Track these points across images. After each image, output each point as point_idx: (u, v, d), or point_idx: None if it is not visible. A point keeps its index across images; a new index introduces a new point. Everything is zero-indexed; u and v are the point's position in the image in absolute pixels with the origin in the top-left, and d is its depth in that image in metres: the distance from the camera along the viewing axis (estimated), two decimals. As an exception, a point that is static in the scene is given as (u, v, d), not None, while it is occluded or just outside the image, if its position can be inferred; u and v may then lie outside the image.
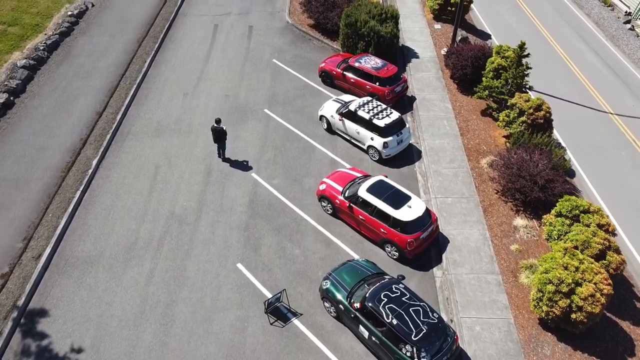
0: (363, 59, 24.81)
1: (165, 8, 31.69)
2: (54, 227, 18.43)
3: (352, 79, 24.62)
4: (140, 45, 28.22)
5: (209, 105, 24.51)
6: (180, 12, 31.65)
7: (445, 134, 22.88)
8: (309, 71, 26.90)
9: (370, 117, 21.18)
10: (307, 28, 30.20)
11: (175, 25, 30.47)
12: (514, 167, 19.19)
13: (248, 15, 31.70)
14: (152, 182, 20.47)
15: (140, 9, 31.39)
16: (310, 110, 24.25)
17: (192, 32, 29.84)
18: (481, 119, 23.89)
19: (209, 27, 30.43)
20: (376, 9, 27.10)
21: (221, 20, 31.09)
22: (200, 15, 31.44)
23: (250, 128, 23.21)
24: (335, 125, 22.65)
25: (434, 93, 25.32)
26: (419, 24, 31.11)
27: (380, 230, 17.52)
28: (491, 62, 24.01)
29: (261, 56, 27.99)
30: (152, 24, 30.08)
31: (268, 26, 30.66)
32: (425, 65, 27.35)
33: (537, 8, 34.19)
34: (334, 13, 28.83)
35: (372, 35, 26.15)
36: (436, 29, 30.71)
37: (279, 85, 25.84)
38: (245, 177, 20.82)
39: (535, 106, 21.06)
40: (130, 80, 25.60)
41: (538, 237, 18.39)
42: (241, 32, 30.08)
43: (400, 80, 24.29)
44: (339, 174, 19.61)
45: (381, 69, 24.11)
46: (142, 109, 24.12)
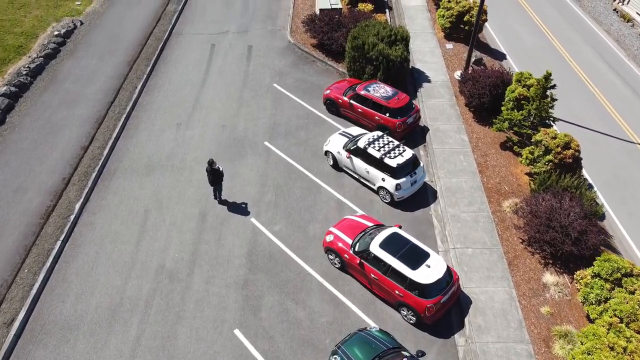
0: (372, 86, 22.87)
1: (159, 26, 29.75)
2: (29, 285, 16.48)
3: (360, 109, 22.68)
4: (131, 68, 26.27)
5: (204, 137, 22.58)
6: (174, 31, 29.70)
7: (462, 171, 20.93)
8: (313, 97, 24.96)
9: (381, 155, 19.24)
10: (310, 48, 28.26)
11: (169, 45, 28.52)
12: (542, 216, 17.24)
13: (247, 33, 29.76)
14: (140, 229, 18.53)
15: (132, 27, 29.45)
16: (314, 143, 22.31)
17: (187, 53, 27.90)
18: (501, 153, 21.94)
19: (205, 47, 28.48)
20: (385, 30, 25.16)
21: (218, 39, 29.15)
22: (196, 34, 29.50)
23: (249, 164, 21.26)
24: (342, 162, 20.71)
25: (448, 123, 23.38)
26: (430, 43, 29.15)
27: (395, 292, 15.57)
28: (511, 91, 22.08)
29: (261, 80, 26.05)
30: (145, 44, 28.13)
31: (268, 46, 28.72)
32: (437, 91, 25.40)
33: (553, 24, 32.23)
34: (339, 33, 26.89)
35: (381, 60, 24.21)
36: (448, 48, 28.76)
37: (280, 114, 23.91)
38: (244, 222, 18.88)
39: (563, 144, 19.12)
40: (120, 109, 23.65)
41: (571, 297, 16.44)
42: (240, 52, 28.14)
43: (412, 111, 22.34)
44: (348, 223, 17.67)
45: (391, 98, 22.17)
46: (132, 142, 22.17)
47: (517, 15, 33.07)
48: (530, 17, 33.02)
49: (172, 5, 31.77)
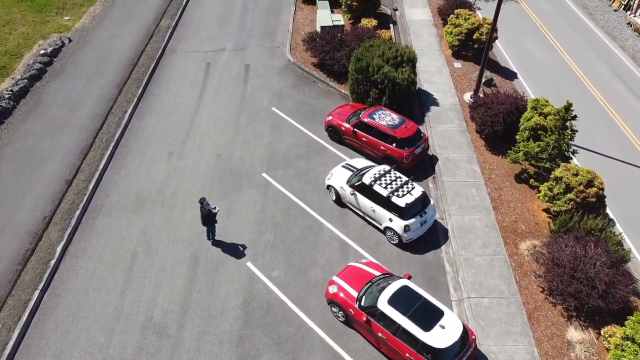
0: (377, 113, 21.38)
1: (152, 43, 28.23)
2: (3, 343, 14.98)
3: (364, 138, 21.18)
4: (121, 90, 24.75)
5: (198, 168, 21.07)
6: (168, 49, 28.18)
7: (475, 207, 19.44)
8: (314, 122, 23.47)
9: (388, 193, 17.73)
10: (311, 68, 26.76)
11: (162, 64, 27.00)
12: (565, 265, 15.74)
13: (244, 51, 28.25)
14: (127, 276, 17.02)
15: (123, 44, 27.92)
16: (315, 175, 20.82)
17: (181, 73, 26.38)
18: (516, 186, 20.45)
19: (200, 66, 26.97)
20: (390, 50, 23.65)
21: (214, 57, 27.64)
22: (191, 52, 27.98)
23: (245, 199, 19.76)
24: (345, 198, 19.22)
25: (458, 151, 21.89)
26: (437, 61, 27.66)
27: (405, 355, 14.08)
28: (526, 119, 20.61)
29: (259, 103, 24.55)
30: (136, 63, 26.62)
31: (267, 65, 27.21)
32: (446, 115, 23.91)
33: (565, 40, 30.71)
34: (341, 53, 25.38)
35: (386, 83, 22.72)
36: (456, 67, 27.27)
37: (279, 141, 22.41)
38: (239, 267, 17.38)
39: (585, 182, 17.63)
40: (108, 137, 22.14)
41: (598, 357, 14.95)
42: (236, 72, 26.63)
43: (421, 140, 20.85)
44: (353, 271, 16.16)
45: (398, 127, 20.68)
46: (120, 175, 20.66)
47: (528, 30, 31.57)
48: (541, 32, 31.52)
49: (165, 20, 30.27)
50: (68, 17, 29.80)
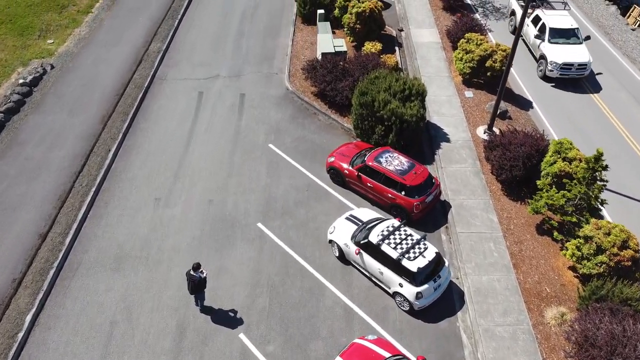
0: (383, 156, 19.45)
1: (140, 70, 26.28)
2: None
3: (370, 183, 19.26)
4: (105, 125, 22.82)
5: (187, 217, 19.15)
6: (157, 76, 26.24)
7: (494, 265, 17.52)
8: (314, 161, 21.55)
9: (398, 256, 15.80)
10: (311, 98, 24.83)
11: (151, 93, 25.06)
12: (601, 346, 13.81)
13: (240, 78, 26.31)
14: (104, 351, 15.10)
15: (109, 71, 25.98)
16: (316, 226, 18.90)
17: (171, 104, 24.45)
18: (537, 239, 18.52)
19: (192, 95, 25.04)
20: (397, 83, 21.73)
21: (207, 85, 25.70)
22: (182, 80, 26.04)
23: (239, 256, 17.83)
24: (350, 256, 17.30)
25: (473, 197, 19.96)
26: (447, 90, 25.72)
27: None
28: (548, 163, 18.72)
29: (255, 139, 22.62)
30: (122, 93, 24.68)
31: (264, 94, 25.28)
32: (458, 153, 21.98)
33: (582, 64, 28.76)
34: (344, 83, 23.44)
35: (393, 120, 20.81)
36: (467, 97, 25.33)
37: (276, 184, 20.49)
38: (231, 339, 15.45)
39: (619, 243, 15.70)
40: (88, 180, 20.22)
41: None
42: (231, 102, 24.70)
43: (432, 187, 18.92)
44: (358, 351, 14.22)
45: (408, 173, 18.75)
46: (100, 225, 18.74)
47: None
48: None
49: (155, 43, 28.33)
50: (51, 40, 27.88)
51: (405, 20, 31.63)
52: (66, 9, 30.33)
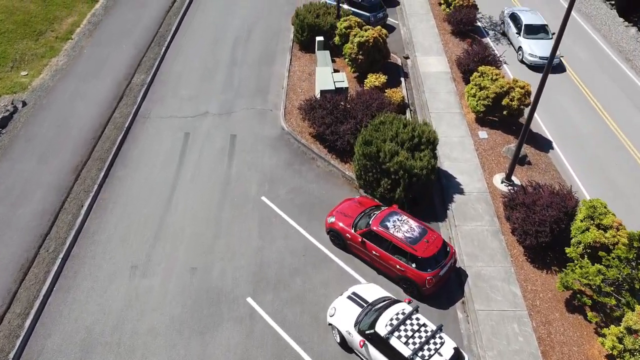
0: (391, 220, 17.08)
1: (121, 107, 23.90)
2: None
3: (375, 251, 16.90)
4: (79, 174, 20.45)
5: (166, 289, 16.78)
6: (140, 113, 23.85)
7: (519, 354, 15.14)
8: (312, 217, 19.21)
9: (411, 354, 13.43)
10: (309, 139, 22.47)
11: (131, 135, 22.67)
12: None
13: (230, 115, 23.93)
14: None
15: (87, 109, 23.59)
16: (314, 300, 16.55)
17: (153, 148, 22.07)
18: (568, 318, 16.16)
19: (177, 137, 22.67)
20: (405, 130, 19.40)
21: (195, 124, 23.33)
22: (167, 118, 23.66)
23: (224, 340, 15.46)
24: (353, 345, 14.92)
25: (492, 263, 17.60)
26: (458, 129, 23.36)
27: None
28: (580, 230, 16.37)
29: (246, 190, 20.26)
30: (101, 135, 22.31)
31: (257, 135, 22.91)
32: (474, 208, 19.62)
33: (606, 97, 26.27)
34: (345, 126, 21.09)
35: (401, 174, 18.46)
36: (481, 138, 22.96)
37: (269, 247, 18.14)
38: None
39: (671, 340, 13.33)
40: (56, 245, 17.84)
41: None
42: (220, 145, 22.33)
43: (447, 258, 16.56)
44: None
45: (419, 241, 16.39)
46: (67, 301, 16.36)
47: (561, 84, 27.22)
48: (575, 85, 27.16)
49: (139, 75, 25.94)
50: (26, 72, 25.50)
51: (411, 46, 29.27)
52: (43, 36, 27.95)
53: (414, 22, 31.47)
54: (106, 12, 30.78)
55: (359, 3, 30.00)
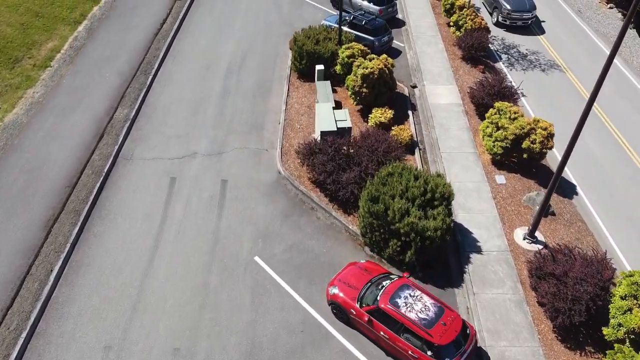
0: (402, 295, 14.87)
1: (101, 148, 21.68)
2: None
3: (384, 332, 14.67)
4: (50, 232, 18.22)
5: (144, 377, 14.58)
6: (121, 154, 21.63)
7: None
8: (311, 283, 17.02)
9: None
10: (308, 186, 20.26)
11: (111, 181, 20.45)
12: None
13: (221, 157, 21.71)
14: None
15: (62, 150, 21.36)
16: (314, 392, 14.34)
17: (135, 197, 19.85)
18: (608, 415, 13.96)
19: (161, 183, 20.44)
20: (417, 183, 17.19)
21: (182, 168, 21.11)
22: (152, 160, 21.43)
23: None
24: None
25: (517, 342, 15.39)
26: (473, 172, 21.15)
27: None
28: (620, 310, 14.19)
29: (237, 249, 18.04)
30: (77, 182, 20.08)
31: (250, 179, 20.71)
32: (494, 270, 17.41)
33: (631, 130, 24.16)
34: (349, 175, 18.88)
35: (412, 237, 16.27)
36: (499, 183, 20.76)
37: (262, 321, 15.92)
38: None
39: None
40: (19, 321, 15.60)
41: None
42: (209, 193, 20.11)
43: (467, 342, 14.34)
44: None
45: (435, 324, 14.18)
46: (28, 394, 14.16)
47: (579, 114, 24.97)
48: (602, 122, 24.95)
49: (122, 109, 23.71)
50: (-3, 105, 23.28)
51: (418, 73, 27.06)
52: (20, 64, 25.71)
53: (421, 45, 29.27)
54: (89, 36, 28.56)
55: (362, 26, 27.79)
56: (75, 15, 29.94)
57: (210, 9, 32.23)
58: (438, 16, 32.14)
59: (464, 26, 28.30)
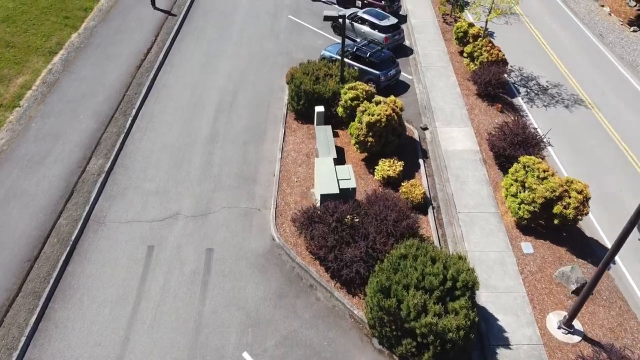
0: None
1: (69, 210, 18.93)
2: None
3: None
4: (3, 321, 15.50)
5: None
6: (93, 217, 18.88)
7: None
8: (310, 389, 14.32)
9: None
10: (306, 257, 17.57)
11: (79, 252, 17.69)
12: None
13: (207, 218, 19.01)
14: None
15: (24, 215, 18.57)
16: None
17: (105, 271, 17.12)
18: None
19: (137, 253, 17.71)
20: (435, 267, 14.47)
21: (161, 233, 18.39)
22: (127, 223, 18.71)
23: None
24: None
25: None
26: (495, 239, 18.45)
27: None
28: None
29: (222, 342, 15.31)
30: (39, 255, 17.35)
31: (239, 249, 17.99)
32: (525, 372, 14.72)
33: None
34: (354, 251, 16.17)
35: (432, 339, 13.58)
36: (526, 253, 18.06)
37: None
38: None
39: None
40: None
41: None
42: (192, 266, 17.39)
43: None
44: None
45: None
46: None
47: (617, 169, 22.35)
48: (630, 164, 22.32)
49: (97, 159, 20.99)
50: (-45, 156, 20.55)
51: (429, 112, 24.37)
52: (-16, 104, 23.02)
53: (431, 77, 26.57)
54: (65, 68, 25.82)
55: (366, 59, 25.08)
56: (50, 44, 27.21)
57: (200, 35, 29.52)
58: (449, 43, 29.44)
59: (479, 58, 25.59)
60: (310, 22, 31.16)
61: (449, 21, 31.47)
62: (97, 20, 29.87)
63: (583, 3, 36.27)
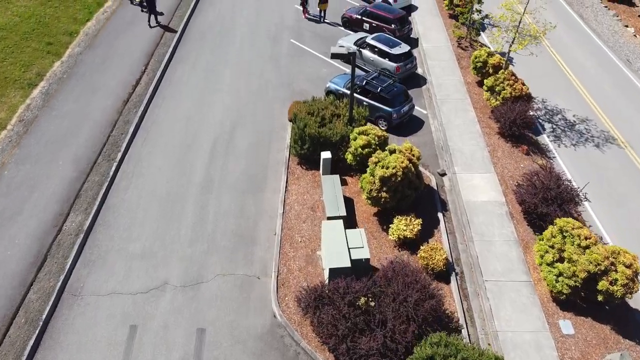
0: None
1: (41, 280, 16.53)
2: None
3: None
4: None
5: None
6: (68, 288, 16.49)
7: None
8: None
9: None
10: (312, 341, 15.19)
11: (50, 334, 15.30)
12: None
13: (199, 289, 16.64)
14: None
15: (-9, 283, 16.30)
16: None
17: (80, 358, 14.75)
18: None
19: (118, 335, 15.32)
20: (468, 375, 12.10)
21: (146, 309, 16.00)
22: (107, 296, 16.33)
23: None
24: None
25: None
26: (529, 316, 16.05)
27: None
28: None
29: None
30: (2, 340, 14.98)
31: (235, 329, 15.61)
32: None
33: None
34: (369, 342, 13.79)
35: None
36: (565, 334, 15.68)
37: None
38: None
39: None
40: None
41: None
42: (180, 352, 14.99)
43: None
44: None
45: None
46: None
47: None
48: (674, 219, 19.98)
49: (75, 215, 18.61)
50: None
51: (447, 154, 22.01)
52: (-48, 148, 20.64)
53: (448, 112, 24.21)
54: (45, 103, 23.45)
55: (377, 94, 22.72)
56: (30, 75, 24.82)
57: (194, 63, 27.14)
58: (465, 71, 27.07)
59: (502, 93, 23.20)
60: (314, 47, 28.78)
61: (464, 46, 29.11)
62: (83, 46, 27.49)
63: (606, 23, 33.88)
